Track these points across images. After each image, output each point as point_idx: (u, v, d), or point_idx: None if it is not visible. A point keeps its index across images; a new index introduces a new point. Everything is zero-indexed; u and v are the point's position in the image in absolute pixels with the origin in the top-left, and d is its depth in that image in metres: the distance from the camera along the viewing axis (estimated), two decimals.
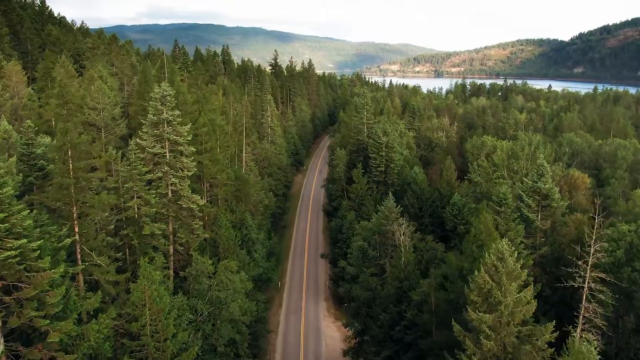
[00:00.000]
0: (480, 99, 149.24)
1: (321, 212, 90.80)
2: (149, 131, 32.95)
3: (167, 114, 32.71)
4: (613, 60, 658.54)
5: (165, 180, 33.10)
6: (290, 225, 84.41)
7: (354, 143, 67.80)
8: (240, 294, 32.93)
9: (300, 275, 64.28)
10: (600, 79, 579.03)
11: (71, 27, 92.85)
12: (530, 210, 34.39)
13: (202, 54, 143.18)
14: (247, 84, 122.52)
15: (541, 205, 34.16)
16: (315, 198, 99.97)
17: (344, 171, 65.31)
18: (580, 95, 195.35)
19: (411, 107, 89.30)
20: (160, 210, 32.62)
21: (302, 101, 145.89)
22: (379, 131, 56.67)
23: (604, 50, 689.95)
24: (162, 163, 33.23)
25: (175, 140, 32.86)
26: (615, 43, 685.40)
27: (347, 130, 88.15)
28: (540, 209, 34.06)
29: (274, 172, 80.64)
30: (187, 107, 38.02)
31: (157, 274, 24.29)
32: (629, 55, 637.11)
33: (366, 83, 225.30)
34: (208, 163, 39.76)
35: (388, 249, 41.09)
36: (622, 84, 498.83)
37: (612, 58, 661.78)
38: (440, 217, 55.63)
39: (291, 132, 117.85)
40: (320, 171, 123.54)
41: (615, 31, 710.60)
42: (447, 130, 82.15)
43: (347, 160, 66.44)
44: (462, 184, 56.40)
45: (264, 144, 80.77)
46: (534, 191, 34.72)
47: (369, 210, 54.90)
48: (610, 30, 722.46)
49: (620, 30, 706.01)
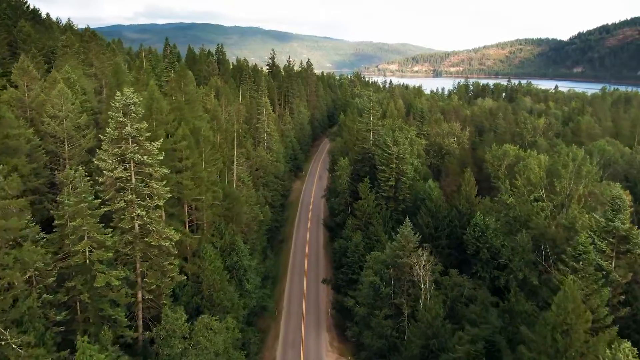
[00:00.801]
0: (487, 100, 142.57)
1: (321, 223, 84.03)
2: (109, 149, 26.00)
3: (131, 128, 25.78)
4: (612, 59, 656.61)
5: (130, 211, 26.14)
6: (288, 239, 77.47)
7: (358, 151, 60.86)
8: (224, 356, 26.07)
9: (299, 300, 57.26)
10: (600, 78, 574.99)
11: (50, 24, 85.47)
12: (604, 257, 26.98)
13: (195, 54, 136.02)
14: (243, 84, 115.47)
15: (617, 250, 26.57)
16: (315, 207, 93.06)
17: (348, 183, 58.46)
18: (588, 95, 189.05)
19: (418, 110, 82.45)
20: (123, 250, 25.67)
21: (300, 102, 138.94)
22: (388, 140, 49.85)
23: (603, 49, 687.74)
24: (126, 189, 26.27)
25: (142, 160, 25.92)
26: (615, 43, 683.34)
27: (349, 135, 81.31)
28: (616, 255, 26.58)
29: (271, 181, 73.75)
30: (163, 117, 31.31)
31: (101, 358, 17.35)
32: (629, 54, 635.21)
33: (366, 83, 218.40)
34: (189, 183, 32.90)
35: (404, 286, 34.31)
36: (622, 83, 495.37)
37: (611, 58, 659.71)
38: (458, 238, 48.96)
39: (289, 136, 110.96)
40: (320, 177, 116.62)
41: (614, 31, 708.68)
42: (459, 135, 75.36)
43: (350, 170, 59.57)
44: (482, 200, 49.69)
45: (260, 150, 73.85)
46: (607, 232, 27.32)
47: (377, 231, 48.16)
48: (609, 30, 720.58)
49: (620, 29, 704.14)
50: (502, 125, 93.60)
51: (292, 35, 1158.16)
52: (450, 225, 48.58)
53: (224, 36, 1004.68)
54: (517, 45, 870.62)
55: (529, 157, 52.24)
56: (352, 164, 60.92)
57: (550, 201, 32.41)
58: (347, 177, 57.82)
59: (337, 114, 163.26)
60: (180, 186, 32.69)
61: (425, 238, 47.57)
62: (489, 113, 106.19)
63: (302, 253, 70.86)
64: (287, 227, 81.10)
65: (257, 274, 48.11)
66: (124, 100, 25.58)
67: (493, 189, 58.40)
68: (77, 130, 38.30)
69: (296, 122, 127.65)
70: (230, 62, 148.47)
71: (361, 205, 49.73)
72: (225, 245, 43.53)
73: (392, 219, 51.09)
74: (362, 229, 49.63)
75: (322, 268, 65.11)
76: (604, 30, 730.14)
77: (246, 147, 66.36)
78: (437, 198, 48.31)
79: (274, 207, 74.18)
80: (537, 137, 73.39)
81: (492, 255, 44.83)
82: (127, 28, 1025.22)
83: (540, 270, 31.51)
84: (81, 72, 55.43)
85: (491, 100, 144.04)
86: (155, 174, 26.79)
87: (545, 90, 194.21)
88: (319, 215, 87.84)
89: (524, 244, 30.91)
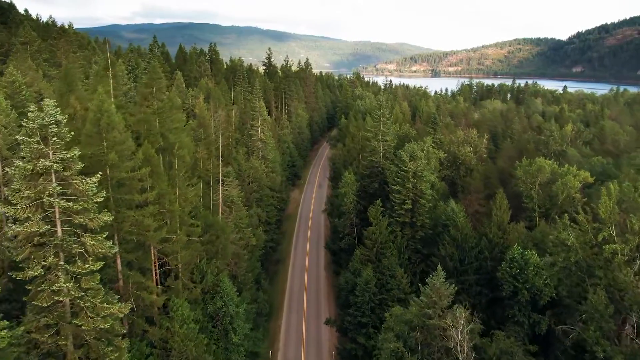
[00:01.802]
0: (495, 102, 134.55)
1: (322, 240, 75.95)
2: (22, 189, 17.72)
3: (53, 158, 17.55)
4: (612, 59, 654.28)
5: (51, 279, 17.90)
6: (285, 259, 69.21)
7: (365, 165, 52.52)
8: None
9: (297, 344, 48.58)
10: (600, 78, 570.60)
11: (21, 20, 76.78)
12: None
13: (187, 53, 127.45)
14: (236, 86, 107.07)
15: None
16: (314, 221, 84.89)
17: (354, 202, 50.22)
18: (598, 97, 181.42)
19: (429, 114, 74.11)
20: (42, 336, 17.43)
21: (298, 105, 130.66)
22: (404, 155, 41.55)
23: (603, 49, 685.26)
24: (47, 247, 18.04)
25: (68, 207, 17.69)
26: (614, 42, 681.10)
27: (353, 143, 73.13)
28: None
29: (265, 195, 65.46)
30: (118, 135, 23.21)
31: None
32: (628, 54, 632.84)
33: (367, 84, 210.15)
34: (151, 223, 24.67)
35: (436, 354, 26.19)
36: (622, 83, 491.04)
37: (611, 57, 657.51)
38: (488, 273, 40.95)
39: (286, 142, 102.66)
40: (319, 185, 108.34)
41: (613, 30, 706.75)
42: (475, 143, 67.24)
43: (356, 187, 51.33)
44: (516, 226, 41.61)
45: (253, 161, 65.53)
46: None
47: (391, 264, 40.01)
48: (608, 30, 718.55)
49: (619, 29, 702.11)
50: (517, 130, 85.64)
51: (290, 35, 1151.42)
52: (479, 257, 40.56)
53: (222, 36, 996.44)
54: (515, 45, 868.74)
55: (567, 174, 44.25)
56: (359, 179, 52.70)
57: (623, 243, 24.75)
58: (353, 195, 49.59)
59: (337, 116, 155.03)
60: (140, 226, 24.48)
61: (450, 272, 39.58)
62: (500, 116, 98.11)
63: (301, 278, 62.56)
64: (284, 245, 72.88)
65: (247, 317, 39.86)
66: (41, 119, 17.30)
67: (522, 210, 50.42)
68: (15, 149, 29.95)
69: (294, 126, 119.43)
70: (224, 62, 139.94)
71: (372, 232, 41.54)
72: (207, 286, 35.38)
73: (408, 249, 42.98)
74: (373, 262, 41.44)
75: (324, 299, 56.74)
76: (603, 30, 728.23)
77: (237, 160, 58.08)
78: (462, 225, 40.23)
79: (269, 225, 66.03)
80: (565, 145, 65.41)
81: (532, 297, 36.97)
82: (124, 28, 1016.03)
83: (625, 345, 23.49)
84: (41, 74, 46.92)
85: (500, 102, 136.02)
86: (92, 224, 18.52)
87: (553, 90, 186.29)
88: (320, 231, 79.67)
89: (601, 308, 22.90)
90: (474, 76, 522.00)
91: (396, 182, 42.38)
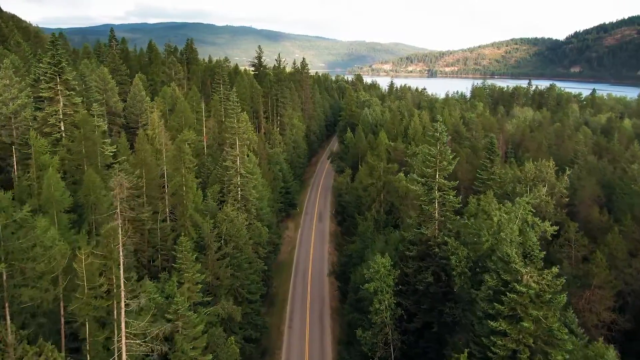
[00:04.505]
0: (527, 111, 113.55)
1: (327, 309, 54.59)
2: None
3: None
4: (611, 59, 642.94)
5: None
6: (272, 349, 47.39)
7: (411, 240, 30.10)
8: None
9: None
10: (599, 78, 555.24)
11: None
12: None
13: (159, 52, 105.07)
14: (215, 93, 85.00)
15: None
16: (315, 272, 63.33)
17: (390, 308, 28.56)
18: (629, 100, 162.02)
19: (488, 142, 51.62)
20: None
21: (293, 113, 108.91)
22: (512, 252, 19.69)
23: (602, 49, 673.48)
24: None
25: None
26: (613, 42, 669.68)
27: (371, 178, 51.46)
28: None
29: (243, 262, 43.71)
30: None
31: None
32: (628, 54, 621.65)
33: (369, 87, 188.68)
34: None
35: None
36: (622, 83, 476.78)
37: (609, 57, 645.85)
38: None
39: (279, 162, 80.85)
40: (320, 217, 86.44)
41: (612, 30, 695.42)
42: (553, 182, 45.82)
43: (395, 276, 29.66)
44: None
45: (227, 210, 43.67)
46: None
47: None
48: (607, 29, 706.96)
49: (618, 29, 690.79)
50: (582, 152, 64.69)
51: (284, 35, 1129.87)
52: None
53: (216, 36, 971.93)
54: (512, 45, 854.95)
55: None
56: (399, 265, 30.71)
57: None
58: (390, 297, 27.92)
59: (338, 124, 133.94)
60: None
61: None
62: (553, 133, 77.09)
63: None
64: (272, 331, 49.78)
65: None
66: None
67: None
68: None
69: (288, 141, 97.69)
70: (204, 63, 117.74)
71: None
72: None
73: None
74: None
75: None
76: (602, 30, 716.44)
77: (196, 217, 36.29)
78: None
79: (251, 303, 44.31)
80: None
81: None
82: (117, 27, 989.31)
83: None
84: None
85: (531, 110, 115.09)
86: None
87: (577, 94, 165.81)
88: (323, 296, 57.80)
89: None
90: (471, 76, 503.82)
91: (497, 311, 20.39)
